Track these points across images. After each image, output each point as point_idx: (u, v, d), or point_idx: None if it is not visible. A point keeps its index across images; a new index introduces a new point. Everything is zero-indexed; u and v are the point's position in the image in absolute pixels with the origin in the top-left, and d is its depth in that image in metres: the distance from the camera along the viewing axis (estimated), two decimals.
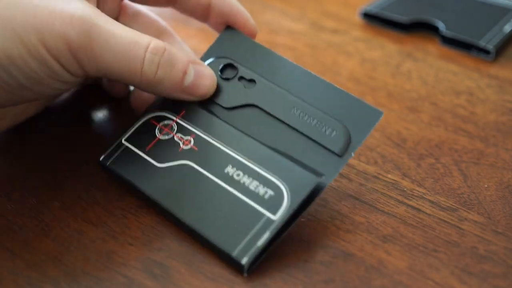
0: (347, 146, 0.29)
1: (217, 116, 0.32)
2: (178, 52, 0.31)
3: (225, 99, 0.32)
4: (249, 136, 0.31)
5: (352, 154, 0.29)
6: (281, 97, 0.31)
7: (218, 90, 0.32)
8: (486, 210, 0.31)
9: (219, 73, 0.33)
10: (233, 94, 0.32)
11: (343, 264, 0.28)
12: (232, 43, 0.34)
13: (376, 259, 0.28)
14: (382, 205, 0.31)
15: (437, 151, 0.35)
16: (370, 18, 0.49)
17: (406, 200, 0.31)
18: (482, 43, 0.45)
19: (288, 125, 0.31)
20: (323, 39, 0.47)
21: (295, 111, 0.31)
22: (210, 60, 0.34)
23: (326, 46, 0.46)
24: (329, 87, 0.31)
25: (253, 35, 0.35)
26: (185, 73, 0.30)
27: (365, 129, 0.30)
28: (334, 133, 0.30)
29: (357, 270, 0.27)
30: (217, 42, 0.34)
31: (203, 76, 0.31)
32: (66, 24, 0.27)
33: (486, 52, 0.44)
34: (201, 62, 0.32)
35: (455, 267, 0.28)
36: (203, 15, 0.35)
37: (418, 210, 0.31)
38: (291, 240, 0.29)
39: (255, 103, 0.32)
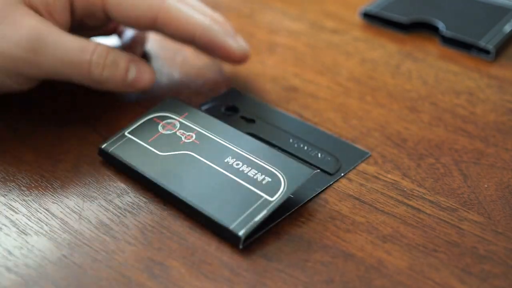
0: (339, 168, 0.33)
1: (218, 118, 0.34)
2: (120, 53, 0.35)
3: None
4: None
5: (342, 174, 0.33)
6: (278, 132, 0.36)
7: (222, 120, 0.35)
8: (486, 210, 0.31)
9: (223, 109, 0.37)
10: (233, 124, 0.35)
11: (343, 264, 0.28)
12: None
13: (376, 259, 0.28)
14: (382, 205, 0.31)
15: (437, 151, 0.35)
16: (370, 18, 0.49)
17: (406, 200, 0.31)
18: (482, 43, 0.45)
19: (284, 150, 0.34)
20: (323, 39, 0.47)
21: (292, 141, 0.35)
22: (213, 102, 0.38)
23: (326, 46, 0.46)
24: (319, 132, 0.36)
25: (240, 60, 0.38)
26: (127, 70, 0.35)
27: (353, 161, 0.34)
28: (327, 159, 0.33)
29: (357, 270, 0.27)
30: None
31: (144, 71, 0.36)
32: (14, 46, 0.32)
33: (486, 52, 0.44)
34: (141, 60, 0.36)
35: (455, 267, 0.28)
36: (186, 42, 0.38)
37: (418, 210, 0.31)
38: (291, 240, 0.29)
39: (255, 133, 0.35)
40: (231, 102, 0.38)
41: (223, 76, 0.42)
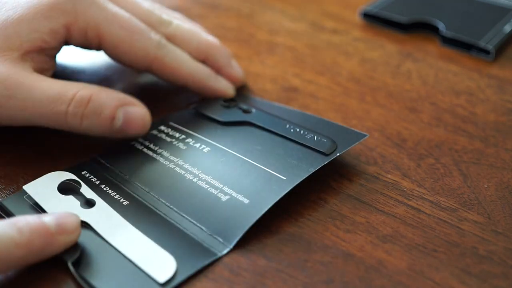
0: (335, 149, 0.32)
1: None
2: (106, 98, 0.32)
3: (223, 117, 0.36)
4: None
5: (338, 154, 0.32)
6: (274, 120, 0.35)
7: (218, 111, 0.36)
8: (486, 210, 0.31)
9: (222, 101, 0.37)
10: (231, 114, 0.36)
11: (343, 264, 0.28)
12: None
13: (376, 259, 0.28)
14: (382, 205, 0.31)
15: (437, 151, 0.35)
16: (370, 18, 0.49)
17: (406, 200, 0.31)
18: (482, 43, 0.45)
19: (281, 135, 0.34)
20: (323, 39, 0.47)
21: (288, 126, 0.34)
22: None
23: (326, 46, 0.46)
24: (316, 119, 0.36)
25: (237, 81, 0.39)
26: (113, 118, 0.32)
27: (350, 142, 0.33)
28: (322, 140, 0.33)
29: (357, 270, 0.27)
30: None
31: (134, 117, 0.32)
32: None
33: (486, 52, 0.44)
34: (133, 102, 0.33)
35: (455, 267, 0.28)
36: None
37: (418, 210, 0.31)
38: (291, 240, 0.29)
39: (251, 121, 0.35)
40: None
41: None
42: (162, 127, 0.35)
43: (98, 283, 0.26)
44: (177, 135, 0.34)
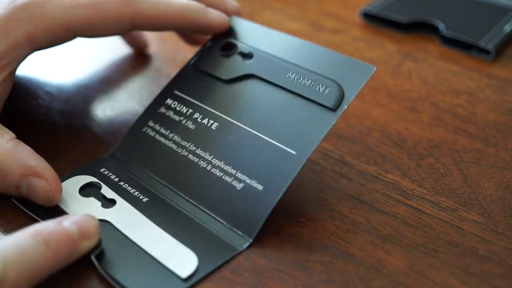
0: (341, 100, 0.31)
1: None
2: (11, 164, 0.29)
3: (225, 73, 0.34)
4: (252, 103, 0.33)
5: (345, 107, 0.30)
6: (276, 64, 0.33)
7: (219, 65, 0.35)
8: (486, 210, 0.31)
9: (220, 50, 0.35)
10: (232, 67, 0.34)
11: (343, 264, 0.28)
12: (232, 27, 0.37)
13: (376, 259, 0.28)
14: (382, 205, 0.31)
15: (437, 151, 0.35)
16: (370, 18, 0.49)
17: (406, 200, 0.31)
18: (482, 43, 0.45)
19: (283, 88, 0.32)
20: (323, 39, 0.47)
21: (289, 75, 0.33)
22: (211, 41, 0.36)
23: (326, 46, 0.46)
24: (320, 50, 0.34)
25: (226, 27, 0.36)
26: (17, 187, 0.29)
27: (357, 83, 0.31)
28: (328, 89, 0.31)
29: (357, 270, 0.27)
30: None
31: (36, 192, 0.29)
32: None
33: (486, 52, 0.44)
34: (40, 173, 0.29)
35: (455, 267, 0.28)
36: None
37: (418, 210, 0.31)
38: (291, 240, 0.29)
39: (253, 72, 0.34)
40: (228, 38, 0.36)
41: None
42: (169, 101, 0.34)
43: (121, 277, 0.26)
44: (184, 110, 0.34)
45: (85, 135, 0.36)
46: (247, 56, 0.35)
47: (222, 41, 0.36)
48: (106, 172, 0.32)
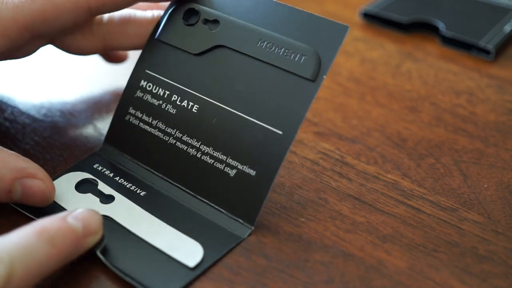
0: (318, 69, 0.29)
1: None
2: (2, 169, 0.28)
3: (193, 46, 0.32)
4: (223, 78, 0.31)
5: (324, 77, 0.29)
6: (246, 32, 0.31)
7: (185, 37, 0.33)
8: (486, 210, 0.31)
9: (183, 20, 0.33)
10: (199, 38, 0.32)
11: (343, 264, 0.28)
12: None
13: (376, 259, 0.28)
14: (382, 205, 0.31)
15: (437, 151, 0.35)
16: (370, 18, 0.49)
17: (406, 200, 0.31)
18: (482, 43, 0.45)
19: (257, 59, 0.31)
20: None
21: (261, 43, 0.31)
22: (172, 7, 0.34)
23: None
24: (291, 11, 0.31)
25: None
26: (9, 191, 0.28)
27: (333, 47, 0.30)
28: (304, 58, 0.30)
29: (357, 270, 0.27)
30: None
31: (33, 192, 0.29)
32: None
33: (486, 52, 0.44)
34: (33, 173, 0.29)
35: (455, 267, 0.28)
36: None
37: (418, 210, 0.31)
38: (291, 240, 0.29)
39: (222, 43, 0.32)
40: (189, 3, 0.34)
41: None
42: (143, 83, 0.33)
43: (130, 270, 0.26)
44: (160, 92, 0.33)
45: (82, 134, 0.36)
46: (212, 22, 0.32)
47: (183, 6, 0.33)
48: (100, 168, 0.32)
